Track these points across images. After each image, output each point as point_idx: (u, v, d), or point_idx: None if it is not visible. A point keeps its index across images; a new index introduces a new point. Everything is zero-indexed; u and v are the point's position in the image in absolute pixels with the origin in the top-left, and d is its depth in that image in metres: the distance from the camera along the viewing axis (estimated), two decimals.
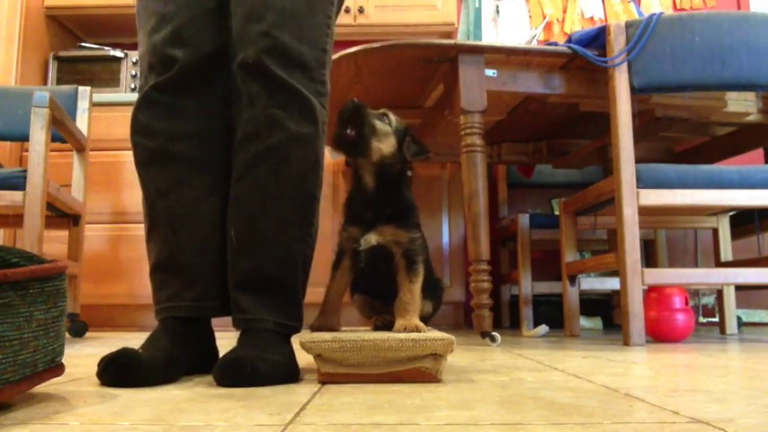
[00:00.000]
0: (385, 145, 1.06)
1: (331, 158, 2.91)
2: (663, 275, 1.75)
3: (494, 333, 1.72)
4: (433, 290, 1.14)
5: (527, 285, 2.54)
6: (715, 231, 2.34)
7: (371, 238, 1.04)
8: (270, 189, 1.01)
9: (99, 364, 0.91)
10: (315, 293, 1.11)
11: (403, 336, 0.92)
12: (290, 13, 1.02)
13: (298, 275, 1.05)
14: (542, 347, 1.66)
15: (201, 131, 1.07)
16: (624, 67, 1.77)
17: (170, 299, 1.04)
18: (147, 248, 1.09)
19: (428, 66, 1.97)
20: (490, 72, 1.85)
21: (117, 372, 0.89)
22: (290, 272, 1.04)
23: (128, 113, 1.05)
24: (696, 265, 3.12)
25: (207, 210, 1.06)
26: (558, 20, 3.40)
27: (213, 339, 1.10)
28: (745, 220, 2.36)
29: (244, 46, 1.02)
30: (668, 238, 3.09)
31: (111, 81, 3.02)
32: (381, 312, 1.15)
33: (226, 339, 1.10)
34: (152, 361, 0.92)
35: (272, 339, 0.99)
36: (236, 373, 0.88)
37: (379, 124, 1.07)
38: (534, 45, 2.17)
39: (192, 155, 1.06)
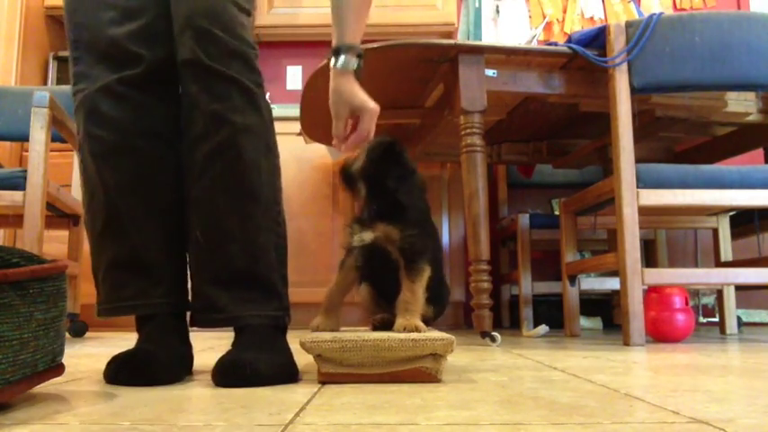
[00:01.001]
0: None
1: (331, 159, 2.91)
2: (663, 275, 1.75)
3: (494, 333, 1.72)
4: (437, 294, 1.11)
5: (527, 285, 2.54)
6: (715, 231, 2.34)
7: (366, 236, 1.03)
8: (228, 185, 1.01)
9: (110, 363, 0.91)
10: (314, 293, 1.11)
11: (403, 336, 0.92)
12: (218, 13, 1.02)
13: (271, 266, 1.04)
14: (542, 347, 1.66)
15: (161, 129, 1.06)
16: (624, 67, 1.77)
17: (135, 297, 1.03)
18: (100, 244, 1.06)
19: (428, 66, 1.97)
20: (490, 72, 1.85)
21: (134, 370, 0.90)
22: (263, 264, 1.02)
23: None
24: (696, 265, 3.12)
25: (167, 208, 1.06)
26: (558, 20, 3.40)
27: (188, 334, 1.10)
28: (745, 220, 2.36)
29: (181, 45, 1.02)
30: (668, 238, 3.09)
31: None
32: (385, 310, 1.14)
33: (225, 339, 1.10)
34: (167, 359, 0.93)
35: (267, 338, 0.99)
36: (236, 375, 0.89)
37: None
38: (534, 45, 2.17)
39: (152, 152, 1.05)
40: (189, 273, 1.07)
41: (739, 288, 2.47)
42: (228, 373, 0.89)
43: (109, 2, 1.04)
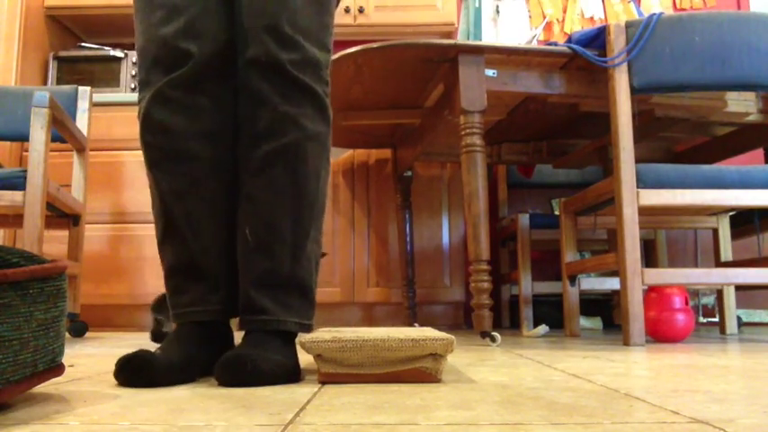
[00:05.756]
0: None
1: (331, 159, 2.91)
2: (663, 275, 1.75)
3: (494, 333, 1.72)
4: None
5: (527, 285, 2.54)
6: (715, 231, 2.34)
7: None
8: (286, 188, 1.00)
9: (116, 364, 0.91)
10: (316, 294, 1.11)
11: (403, 336, 0.92)
12: (300, 10, 1.01)
13: (312, 275, 1.05)
14: (542, 347, 1.66)
15: (217, 130, 1.05)
16: (624, 67, 1.77)
17: (194, 303, 1.03)
18: (162, 250, 1.06)
19: (428, 66, 1.97)
20: (490, 72, 1.85)
21: (132, 372, 0.89)
22: (306, 271, 1.03)
23: (128, 113, 1.04)
24: (696, 265, 3.12)
25: (225, 211, 1.05)
26: (558, 20, 3.40)
27: (232, 339, 1.09)
28: (745, 220, 2.36)
29: (254, 42, 1.00)
30: (668, 238, 3.09)
31: (111, 81, 3.02)
32: None
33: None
34: (167, 362, 0.92)
35: (276, 340, 0.99)
36: (236, 371, 0.88)
37: None
38: (534, 45, 2.17)
39: (208, 154, 1.04)
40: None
41: (739, 288, 2.47)
42: (230, 370, 0.88)
43: (156, 2, 1.03)
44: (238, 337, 1.07)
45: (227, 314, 1.05)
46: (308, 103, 1.02)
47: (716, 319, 3.02)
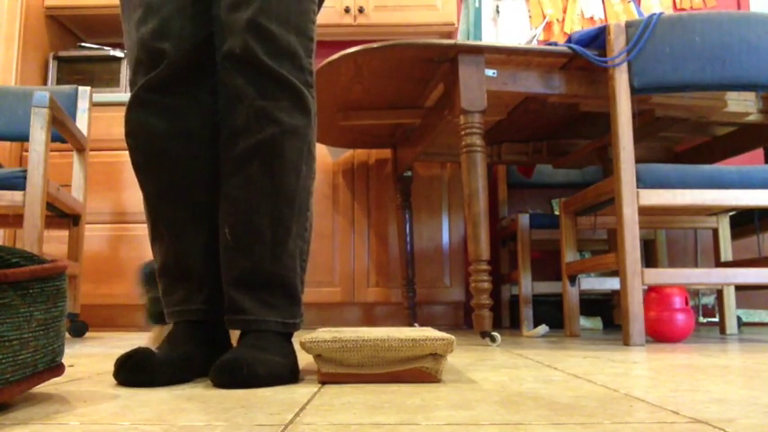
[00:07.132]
0: None
1: (331, 159, 2.91)
2: (663, 275, 1.75)
3: (494, 333, 1.72)
4: None
5: (527, 285, 2.54)
6: (715, 231, 2.34)
7: None
8: (263, 185, 0.99)
9: (115, 364, 0.91)
10: (314, 294, 1.11)
11: (403, 336, 0.92)
12: (273, 6, 0.98)
13: (296, 272, 1.03)
14: (542, 347, 1.66)
15: (197, 129, 1.04)
16: (624, 67, 1.77)
17: (180, 302, 1.04)
18: (152, 251, 1.08)
19: (428, 66, 1.97)
20: (490, 72, 1.85)
21: (131, 370, 0.89)
22: (289, 269, 1.01)
23: None
24: (696, 265, 3.12)
25: (208, 211, 1.05)
26: (558, 20, 3.40)
27: (228, 339, 1.09)
28: (745, 220, 2.36)
29: (229, 35, 0.98)
30: (668, 238, 3.09)
31: (111, 81, 3.02)
32: None
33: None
34: (167, 360, 0.92)
35: (273, 339, 0.98)
36: (232, 375, 0.87)
37: None
38: (534, 45, 2.17)
39: (189, 155, 1.03)
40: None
41: (739, 288, 2.47)
42: (225, 373, 0.87)
43: (136, 1, 1.02)
44: (234, 336, 1.07)
45: (212, 314, 1.04)
46: (284, 96, 0.99)
47: (716, 319, 3.02)
